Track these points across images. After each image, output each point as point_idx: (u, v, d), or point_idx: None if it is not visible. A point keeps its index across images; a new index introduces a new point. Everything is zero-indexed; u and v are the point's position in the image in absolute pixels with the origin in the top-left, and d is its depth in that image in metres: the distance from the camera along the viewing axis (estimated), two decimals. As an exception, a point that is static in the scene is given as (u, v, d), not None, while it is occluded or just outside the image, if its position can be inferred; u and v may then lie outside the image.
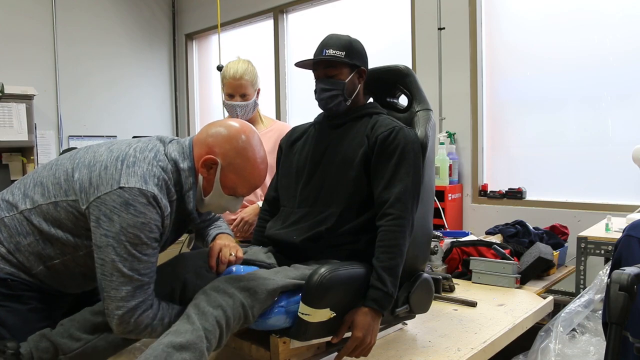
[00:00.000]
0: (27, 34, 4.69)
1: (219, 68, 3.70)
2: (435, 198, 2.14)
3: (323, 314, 1.41)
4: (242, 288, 1.32)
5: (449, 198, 3.44)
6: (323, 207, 1.60)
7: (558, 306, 2.25)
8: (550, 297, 2.24)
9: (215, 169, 1.35)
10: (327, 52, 1.62)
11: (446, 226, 3.33)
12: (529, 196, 3.35)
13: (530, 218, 3.00)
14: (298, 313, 1.40)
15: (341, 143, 1.65)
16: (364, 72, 1.70)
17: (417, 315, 1.76)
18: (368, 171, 1.59)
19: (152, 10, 5.65)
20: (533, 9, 3.34)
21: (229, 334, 1.30)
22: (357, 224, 1.58)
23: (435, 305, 1.88)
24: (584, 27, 3.13)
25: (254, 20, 5.05)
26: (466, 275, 2.53)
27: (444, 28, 3.58)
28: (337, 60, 1.62)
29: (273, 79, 4.84)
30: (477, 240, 2.65)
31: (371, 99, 1.86)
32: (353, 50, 1.65)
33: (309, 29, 4.66)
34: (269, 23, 4.90)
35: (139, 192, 1.21)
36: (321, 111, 1.75)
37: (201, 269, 1.48)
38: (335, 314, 1.44)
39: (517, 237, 2.73)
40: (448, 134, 3.56)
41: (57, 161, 1.38)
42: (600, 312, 1.89)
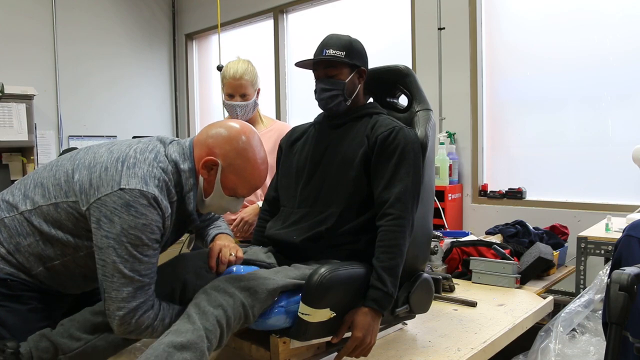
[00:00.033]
0: (27, 34, 4.70)
1: (219, 68, 3.71)
2: (435, 198, 2.14)
3: (323, 314, 1.41)
4: (243, 288, 1.32)
5: (449, 198, 3.44)
6: (323, 207, 1.60)
7: (558, 306, 2.25)
8: (550, 297, 2.24)
9: (215, 170, 1.35)
10: (327, 52, 1.62)
11: (446, 226, 3.33)
12: (529, 196, 3.35)
13: (530, 218, 3.00)
14: (298, 313, 1.40)
15: (341, 143, 1.65)
16: (364, 72, 1.70)
17: (417, 315, 1.76)
18: (368, 171, 1.59)
19: (152, 10, 5.64)
20: (533, 9, 3.34)
21: (230, 334, 1.30)
22: (357, 224, 1.58)
23: (435, 305, 1.88)
24: (584, 27, 3.13)
25: (254, 20, 5.04)
26: (466, 275, 2.53)
27: (444, 28, 3.58)
28: (337, 60, 1.62)
29: (273, 79, 4.84)
30: (477, 240, 2.65)
31: (371, 99, 1.86)
32: (353, 50, 1.65)
33: (309, 29, 4.66)
34: (269, 23, 4.90)
35: (140, 194, 1.21)
36: (321, 111, 1.75)
37: (201, 270, 1.48)
38: (335, 314, 1.44)
39: (517, 237, 2.73)
40: (448, 134, 3.56)
41: (58, 162, 1.38)
42: (600, 312, 1.89)
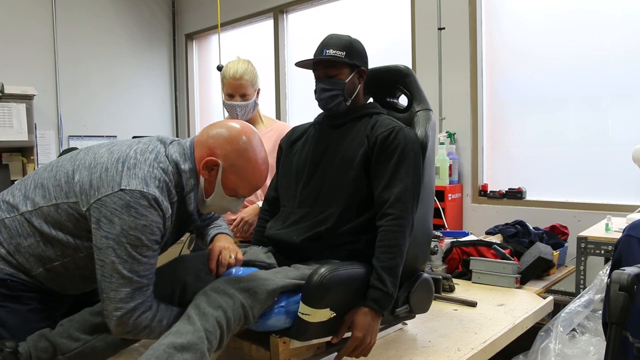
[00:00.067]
0: (27, 34, 4.69)
1: (219, 68, 3.70)
2: (435, 198, 2.13)
3: (323, 314, 1.41)
4: (242, 289, 1.32)
5: (449, 198, 3.44)
6: (323, 207, 1.60)
7: (558, 306, 2.25)
8: (550, 297, 2.24)
9: (216, 171, 1.35)
10: (328, 52, 1.62)
11: (446, 226, 3.33)
12: (529, 196, 3.35)
13: (530, 218, 3.00)
14: (298, 313, 1.40)
15: (341, 143, 1.65)
16: (364, 72, 1.70)
17: (417, 315, 1.76)
18: (368, 171, 1.59)
19: (152, 10, 5.64)
20: (533, 9, 3.34)
21: (230, 335, 1.30)
22: (357, 224, 1.57)
23: (435, 305, 1.88)
24: (584, 27, 3.13)
25: (254, 20, 5.04)
26: (466, 275, 2.53)
27: (444, 28, 3.58)
28: (338, 60, 1.62)
29: (273, 79, 4.84)
30: (477, 240, 2.65)
31: (371, 99, 1.86)
32: (353, 50, 1.65)
33: (309, 29, 4.66)
34: (269, 23, 4.90)
35: (140, 195, 1.21)
36: (321, 111, 1.75)
37: (201, 272, 1.48)
38: (335, 314, 1.44)
39: (517, 237, 2.73)
40: (448, 134, 3.56)
41: (58, 162, 1.37)
42: (600, 312, 1.89)
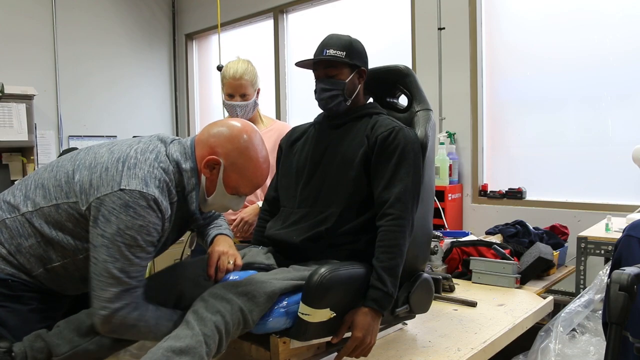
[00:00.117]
0: (27, 34, 4.69)
1: (219, 68, 3.70)
2: (435, 198, 2.14)
3: (323, 314, 1.41)
4: (240, 293, 1.32)
5: (449, 198, 3.44)
6: (323, 207, 1.60)
7: (558, 306, 2.25)
8: (550, 297, 2.24)
9: (218, 169, 1.35)
10: (328, 52, 1.62)
11: (446, 226, 3.33)
12: (529, 196, 3.35)
13: (530, 218, 3.00)
14: (298, 313, 1.40)
15: (341, 143, 1.65)
16: (364, 72, 1.70)
17: (417, 315, 1.76)
18: (368, 171, 1.59)
19: (152, 10, 5.64)
20: (533, 9, 3.33)
21: (229, 339, 1.30)
22: (357, 224, 1.58)
23: (435, 305, 1.88)
24: (584, 27, 3.13)
25: (254, 20, 5.04)
26: (466, 275, 2.53)
27: (444, 28, 3.58)
28: (338, 60, 1.62)
29: (273, 79, 4.84)
30: (477, 240, 2.65)
31: (371, 99, 1.86)
32: (353, 50, 1.65)
33: (309, 29, 4.66)
34: (269, 23, 4.89)
35: (140, 195, 1.21)
36: (321, 111, 1.75)
37: (199, 278, 1.48)
38: (335, 314, 1.44)
39: (517, 237, 2.73)
40: (448, 134, 3.56)
41: (58, 163, 1.37)
42: (600, 312, 1.89)
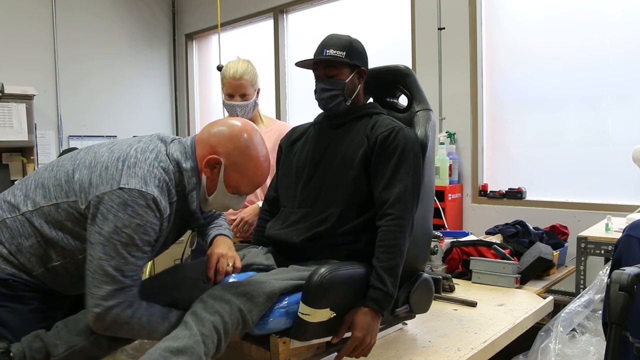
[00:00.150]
0: (27, 34, 4.69)
1: (219, 68, 3.70)
2: (435, 198, 2.13)
3: (323, 314, 1.41)
4: (239, 293, 1.32)
5: (449, 198, 3.44)
6: (323, 207, 1.60)
7: (558, 306, 2.25)
8: (550, 297, 2.24)
9: (218, 169, 1.35)
10: (328, 52, 1.62)
11: (446, 226, 3.33)
12: (529, 196, 3.35)
13: (530, 218, 3.00)
14: (298, 313, 1.40)
15: (341, 143, 1.65)
16: (364, 72, 1.70)
17: (417, 315, 1.76)
18: (368, 171, 1.59)
19: (152, 10, 5.64)
20: (533, 9, 3.33)
21: (228, 340, 1.30)
22: (357, 224, 1.58)
23: (435, 305, 1.88)
24: (584, 27, 3.13)
25: (254, 20, 5.04)
26: (466, 275, 2.53)
27: (444, 28, 3.58)
28: (338, 60, 1.62)
29: (273, 79, 4.84)
30: (477, 240, 2.65)
31: (371, 99, 1.86)
32: (353, 50, 1.65)
33: (309, 29, 4.66)
34: (269, 23, 4.89)
35: (139, 194, 1.21)
36: (321, 111, 1.75)
37: (198, 281, 1.49)
38: (335, 314, 1.44)
39: (517, 237, 2.73)
40: (448, 134, 3.56)
41: (58, 162, 1.37)
42: (600, 312, 1.89)
